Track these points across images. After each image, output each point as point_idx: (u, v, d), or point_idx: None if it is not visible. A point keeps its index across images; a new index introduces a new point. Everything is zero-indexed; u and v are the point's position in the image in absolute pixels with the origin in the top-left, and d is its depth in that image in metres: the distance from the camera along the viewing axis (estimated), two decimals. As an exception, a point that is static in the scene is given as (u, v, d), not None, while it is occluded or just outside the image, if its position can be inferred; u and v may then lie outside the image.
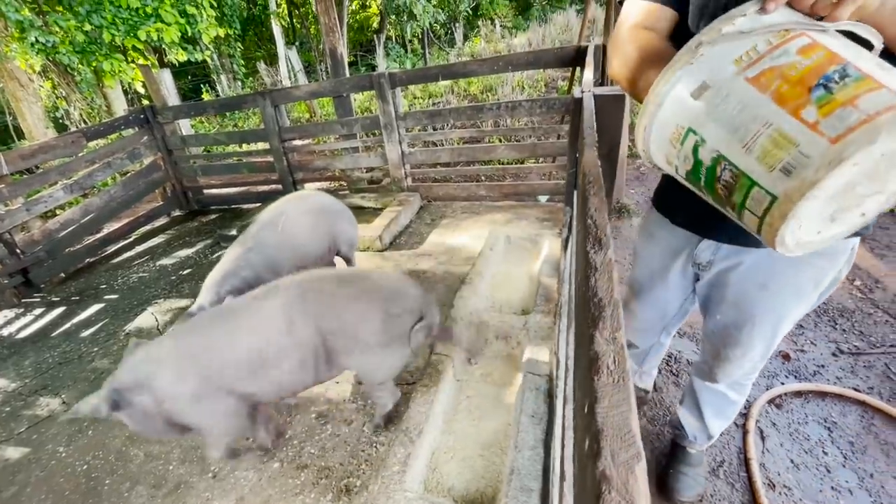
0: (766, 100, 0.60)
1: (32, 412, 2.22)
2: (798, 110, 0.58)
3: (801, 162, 0.58)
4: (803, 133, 0.58)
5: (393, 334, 1.50)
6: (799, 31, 0.61)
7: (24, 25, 4.90)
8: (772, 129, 0.60)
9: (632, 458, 0.32)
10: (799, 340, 2.17)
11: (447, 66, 3.48)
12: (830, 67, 0.58)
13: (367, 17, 15.63)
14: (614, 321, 0.45)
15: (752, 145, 0.62)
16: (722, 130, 0.65)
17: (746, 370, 1.31)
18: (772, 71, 0.61)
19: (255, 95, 3.97)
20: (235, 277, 1.97)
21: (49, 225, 3.65)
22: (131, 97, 9.24)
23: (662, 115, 0.71)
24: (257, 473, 1.71)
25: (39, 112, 6.41)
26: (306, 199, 2.41)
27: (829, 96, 0.57)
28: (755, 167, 0.62)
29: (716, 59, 0.65)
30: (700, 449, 1.62)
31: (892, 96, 0.54)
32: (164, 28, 5.73)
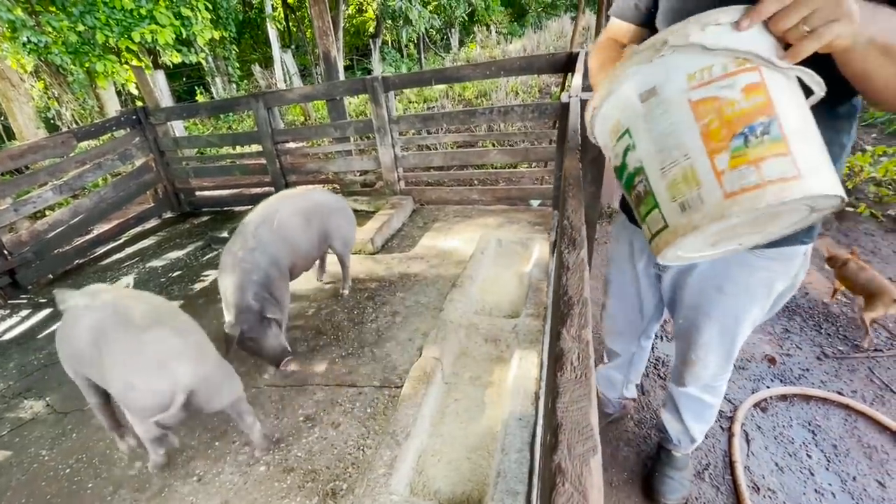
0: (696, 130, 0.63)
1: (15, 415, 2.19)
2: (714, 154, 0.62)
3: (696, 205, 0.63)
4: (709, 178, 0.62)
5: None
6: (754, 65, 0.62)
7: (15, 25, 4.88)
8: (688, 162, 0.64)
9: (588, 451, 0.32)
10: (785, 345, 2.19)
11: (441, 70, 3.50)
12: (758, 118, 0.61)
13: (364, 21, 15.69)
14: (581, 318, 0.46)
15: (668, 171, 0.66)
16: (651, 145, 0.67)
17: (713, 372, 1.34)
18: (713, 101, 0.63)
19: (248, 98, 3.97)
20: (253, 284, 2.00)
21: (37, 226, 3.61)
22: (124, 98, 9.20)
23: (610, 103, 0.73)
24: (243, 477, 1.70)
25: (30, 112, 6.36)
26: (299, 197, 2.44)
27: (744, 149, 0.61)
28: (662, 192, 0.67)
29: (672, 66, 0.66)
30: (685, 452, 1.63)
31: (791, 166, 0.60)
32: (159, 30, 5.72)
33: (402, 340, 2.31)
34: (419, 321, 2.43)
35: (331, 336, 2.42)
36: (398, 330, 2.39)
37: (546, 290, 2.31)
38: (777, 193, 0.59)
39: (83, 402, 2.20)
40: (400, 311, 2.54)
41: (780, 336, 2.25)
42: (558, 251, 0.60)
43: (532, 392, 1.74)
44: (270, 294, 2.06)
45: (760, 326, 2.31)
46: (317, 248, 2.47)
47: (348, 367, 2.17)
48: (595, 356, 0.48)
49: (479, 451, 1.66)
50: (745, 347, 2.18)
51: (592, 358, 0.41)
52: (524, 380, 1.81)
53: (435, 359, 2.00)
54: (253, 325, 1.94)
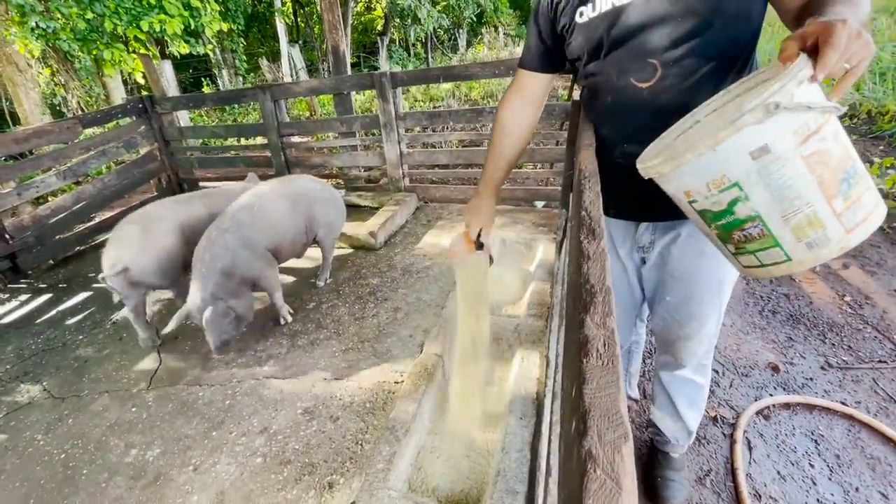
0: (813, 182, 0.71)
1: (12, 398, 2.17)
2: (832, 199, 0.71)
3: (823, 242, 0.73)
4: (832, 221, 0.72)
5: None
6: (830, 116, 0.70)
7: (24, 10, 4.87)
8: (811, 209, 0.72)
9: (619, 438, 0.31)
10: (788, 353, 2.17)
11: (448, 67, 3.49)
12: (848, 163, 0.71)
13: (372, 19, 15.70)
14: (605, 307, 0.44)
15: (792, 218, 0.74)
16: (769, 197, 0.74)
17: (706, 346, 1.36)
18: (819, 154, 0.70)
19: (255, 90, 3.96)
20: (214, 273, 2.06)
21: (39, 211, 3.60)
22: (131, 87, 9.20)
23: (708, 159, 0.75)
24: (239, 468, 1.68)
25: (36, 98, 6.35)
26: (287, 182, 2.47)
27: (849, 192, 0.71)
28: (787, 235, 0.76)
29: (780, 125, 0.69)
30: (682, 452, 1.62)
31: (876, 196, 0.73)
32: (168, 20, 5.71)
33: (403, 336, 2.29)
34: (421, 318, 2.42)
35: (331, 330, 2.41)
36: (399, 326, 2.38)
37: (550, 290, 2.30)
38: (876, 221, 0.74)
39: (80, 388, 2.19)
40: (401, 308, 2.53)
41: (783, 344, 2.23)
42: (577, 241, 0.59)
43: (534, 392, 1.72)
44: (239, 276, 2.14)
45: (764, 333, 2.30)
46: (304, 234, 2.51)
47: (348, 362, 2.16)
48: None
49: (478, 449, 1.65)
50: (748, 354, 2.17)
51: (618, 346, 0.40)
52: (525, 379, 1.79)
53: (436, 355, 1.99)
54: (197, 318, 2.01)
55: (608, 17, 0.96)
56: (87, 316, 2.81)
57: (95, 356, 2.41)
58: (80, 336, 2.61)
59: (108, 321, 2.72)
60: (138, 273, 2.18)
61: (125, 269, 2.13)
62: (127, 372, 2.26)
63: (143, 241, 2.20)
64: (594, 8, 0.98)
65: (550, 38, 1.14)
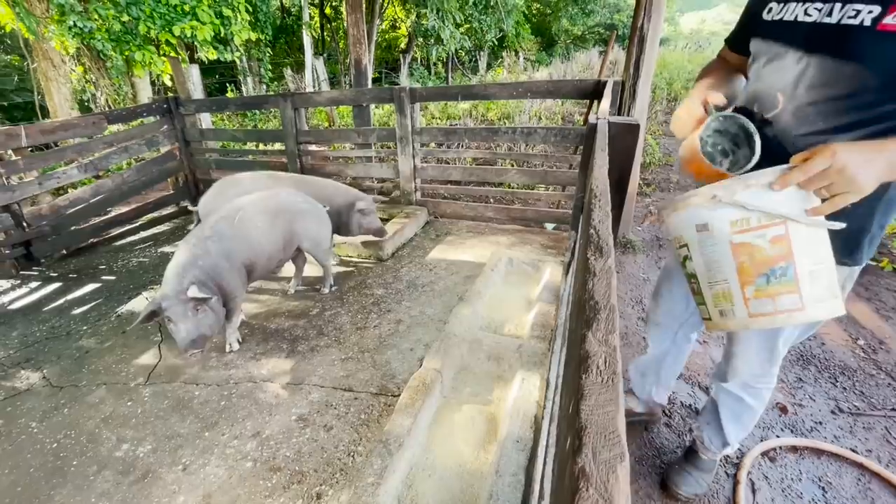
0: (733, 266, 0.91)
1: (11, 384, 2.18)
2: (745, 285, 0.90)
3: (730, 315, 0.94)
4: (739, 302, 0.92)
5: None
6: (781, 220, 0.86)
7: (64, 9, 5.07)
8: (726, 286, 0.93)
9: (614, 458, 0.29)
10: (797, 394, 2.11)
11: (468, 86, 3.54)
12: (779, 263, 0.87)
13: (396, 37, 16.08)
14: (609, 324, 0.43)
15: (713, 286, 0.96)
16: (702, 264, 0.97)
17: (752, 370, 1.39)
18: (748, 246, 0.88)
19: (276, 97, 4.05)
20: (195, 267, 2.03)
21: (58, 201, 3.67)
22: (158, 88, 9.46)
23: (675, 220, 1.00)
24: (228, 471, 1.66)
25: (67, 93, 6.56)
26: (267, 197, 2.47)
27: (766, 287, 0.88)
28: (709, 299, 0.98)
29: (721, 213, 0.90)
30: (712, 457, 1.65)
31: (798, 301, 0.86)
32: (199, 26, 5.92)
33: (404, 349, 2.27)
34: (423, 332, 2.40)
35: (332, 338, 2.39)
36: (400, 338, 2.36)
37: (555, 313, 2.27)
38: (784, 320, 0.88)
39: (79, 378, 2.19)
40: (404, 320, 2.51)
41: (792, 384, 2.17)
42: (584, 257, 0.58)
43: (532, 415, 1.68)
44: (215, 283, 2.08)
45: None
46: (282, 251, 2.45)
47: (346, 371, 2.14)
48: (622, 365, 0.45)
49: (472, 470, 1.61)
50: (756, 393, 2.11)
51: (620, 364, 0.39)
52: (525, 402, 1.76)
53: (435, 371, 1.96)
54: (174, 303, 1.90)
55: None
56: (94, 307, 2.83)
57: (97, 347, 2.42)
58: (84, 326, 2.62)
59: (112, 314, 2.74)
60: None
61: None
62: (126, 365, 2.27)
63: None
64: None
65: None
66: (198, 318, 1.93)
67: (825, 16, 0.93)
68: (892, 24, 0.83)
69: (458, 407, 1.90)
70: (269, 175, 3.08)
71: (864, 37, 0.87)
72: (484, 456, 1.66)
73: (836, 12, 0.91)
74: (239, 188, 2.92)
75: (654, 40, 2.96)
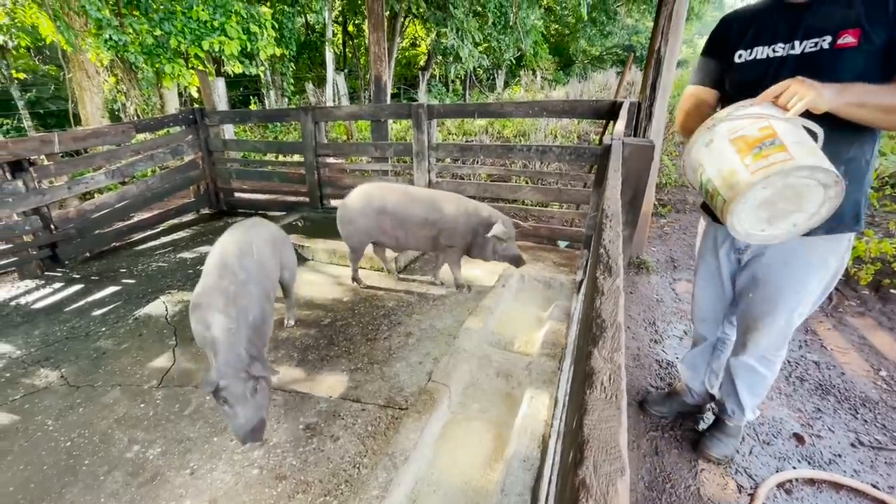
0: (734, 151, 1.14)
1: (31, 381, 2.24)
2: (743, 157, 1.12)
3: (736, 183, 1.11)
4: (741, 169, 1.11)
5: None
6: (766, 118, 1.13)
7: (101, 23, 5.32)
8: (730, 166, 1.14)
9: (615, 472, 0.30)
10: (815, 425, 2.04)
11: (485, 104, 3.60)
12: (767, 139, 1.10)
13: (416, 54, 16.43)
14: (614, 342, 0.44)
15: (721, 173, 1.16)
16: (713, 166, 1.19)
17: (771, 341, 1.60)
18: (742, 138, 1.14)
19: (298, 110, 4.16)
20: (246, 325, 1.73)
21: (85, 205, 3.80)
22: (185, 100, 9.79)
23: (692, 151, 1.26)
24: (235, 477, 1.67)
25: (99, 102, 6.83)
26: (261, 226, 2.28)
27: (759, 152, 1.09)
28: (720, 184, 1.16)
29: (718, 128, 1.20)
30: (737, 424, 1.83)
31: (787, 155, 1.05)
32: (227, 41, 6.13)
33: (413, 362, 2.27)
34: (432, 345, 2.40)
35: (342, 348, 2.41)
36: (410, 351, 2.36)
37: (567, 331, 2.26)
38: (780, 166, 1.04)
39: (95, 379, 2.24)
40: (414, 333, 2.52)
41: (810, 414, 2.10)
42: (593, 276, 0.59)
43: (540, 434, 1.67)
44: (265, 331, 1.86)
45: (789, 401, 2.18)
46: (278, 281, 2.30)
47: (355, 382, 2.15)
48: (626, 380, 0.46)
49: (477, 488, 1.59)
50: (772, 423, 2.05)
51: (624, 382, 0.40)
52: (532, 420, 1.74)
53: (444, 385, 1.96)
54: (233, 382, 1.56)
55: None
56: (112, 309, 2.91)
57: (114, 349, 2.48)
58: (102, 328, 2.69)
59: (130, 316, 2.81)
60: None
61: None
62: (141, 368, 2.31)
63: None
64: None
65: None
66: (256, 400, 1.60)
67: (790, 50, 1.27)
68: (844, 43, 1.18)
69: (465, 423, 1.89)
70: (405, 186, 2.90)
71: (827, 56, 1.21)
72: (490, 474, 1.64)
73: (797, 47, 1.25)
74: (381, 194, 2.78)
75: (672, 63, 2.99)
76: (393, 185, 2.88)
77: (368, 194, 2.78)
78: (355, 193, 2.82)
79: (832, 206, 1.11)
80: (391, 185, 2.86)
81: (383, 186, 2.85)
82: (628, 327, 2.78)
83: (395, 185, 2.90)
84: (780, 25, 1.30)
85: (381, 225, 2.76)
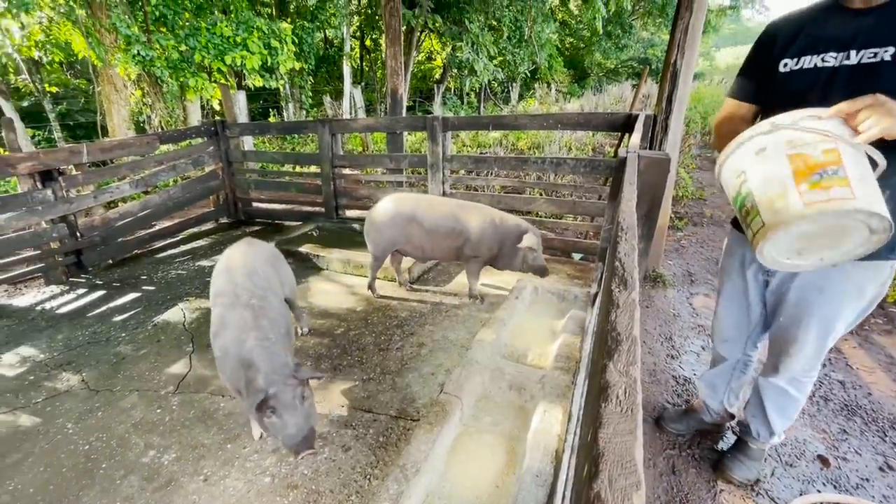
0: (790, 170, 1.01)
1: (53, 384, 2.30)
2: (800, 182, 0.99)
3: (784, 210, 1.00)
4: (794, 195, 0.99)
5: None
6: (831, 138, 0.99)
7: (130, 39, 5.53)
8: (781, 187, 1.02)
9: (630, 486, 0.30)
10: (841, 447, 1.97)
11: (499, 117, 3.63)
12: (830, 166, 0.97)
13: (431, 68, 16.66)
14: (630, 356, 0.44)
15: (768, 192, 1.04)
16: (759, 179, 1.07)
17: (803, 365, 1.52)
18: (802, 156, 1.01)
19: (316, 122, 4.25)
20: (287, 335, 1.75)
21: (109, 214, 3.93)
22: (207, 112, 10.08)
23: (735, 155, 1.13)
24: (247, 485, 1.68)
25: (125, 115, 7.08)
26: (258, 246, 2.25)
27: (819, 181, 0.97)
28: (763, 204, 1.04)
29: (777, 136, 1.06)
30: (761, 447, 1.75)
31: (850, 192, 0.94)
32: (249, 56, 6.32)
33: (425, 373, 2.27)
34: (444, 356, 2.39)
35: (355, 357, 2.42)
36: (422, 362, 2.36)
37: (580, 345, 2.23)
38: (839, 204, 0.94)
39: (114, 383, 2.29)
40: (426, 344, 2.52)
41: (835, 436, 2.03)
42: (608, 289, 0.59)
43: (553, 449, 1.64)
44: (290, 346, 1.84)
45: (813, 421, 2.10)
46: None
47: (367, 392, 2.15)
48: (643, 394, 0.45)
49: (489, 502, 1.57)
50: (795, 444, 1.99)
51: (640, 396, 0.39)
52: (545, 435, 1.72)
53: (456, 397, 1.95)
54: (282, 389, 1.49)
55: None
56: (132, 316, 2.97)
57: (132, 354, 2.53)
58: (122, 333, 2.75)
59: (149, 323, 2.87)
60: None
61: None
62: (158, 373, 2.35)
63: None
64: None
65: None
66: (305, 408, 1.52)
67: (844, 60, 1.15)
68: None
69: (477, 436, 1.87)
70: (433, 196, 2.97)
71: (887, 69, 1.10)
72: (502, 488, 1.62)
73: (853, 57, 1.14)
74: (410, 203, 2.83)
75: (688, 76, 2.97)
76: (421, 195, 2.93)
77: (398, 203, 2.83)
78: (385, 202, 2.87)
79: (870, 249, 1.03)
80: (420, 195, 2.91)
81: (412, 196, 2.91)
82: (644, 342, 2.73)
83: (424, 195, 2.95)
84: (835, 33, 1.18)
85: (409, 233, 2.79)
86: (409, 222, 2.77)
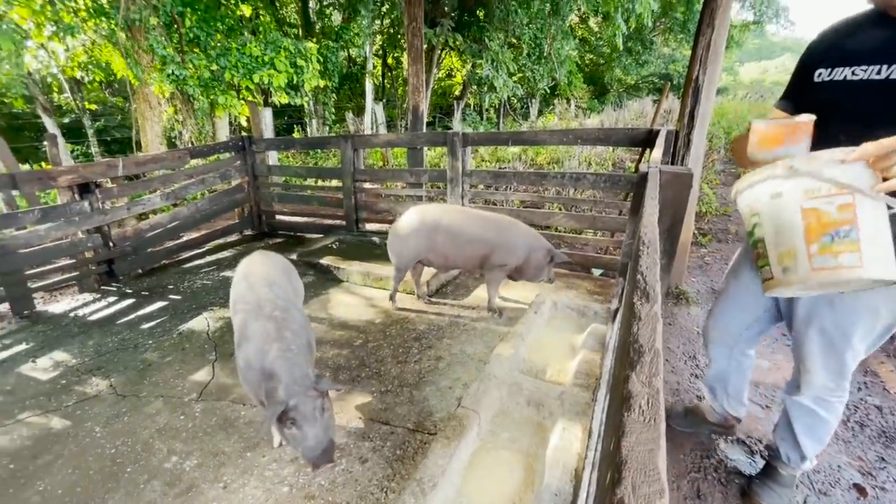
0: (801, 227, 1.00)
1: (83, 389, 2.37)
2: (810, 243, 0.99)
3: (793, 271, 1.02)
4: (803, 257, 1.00)
5: None
6: (849, 191, 0.96)
7: (166, 60, 5.82)
8: (792, 245, 1.02)
9: (654, 494, 0.30)
10: (879, 476, 1.87)
11: (518, 132, 3.66)
12: (844, 226, 0.96)
13: (451, 84, 16.92)
14: (653, 367, 0.44)
15: (780, 246, 1.05)
16: (771, 228, 1.07)
17: (823, 383, 1.47)
18: (816, 211, 0.99)
19: (338, 138, 4.36)
20: (307, 347, 1.76)
21: (141, 225, 4.08)
22: (234, 128, 10.44)
23: (751, 192, 1.13)
24: (265, 493, 1.69)
25: (158, 131, 7.39)
26: (272, 257, 2.29)
27: (830, 244, 0.97)
28: (773, 258, 1.07)
29: (794, 183, 1.02)
30: (792, 473, 1.67)
31: (858, 259, 0.94)
32: (276, 74, 6.56)
33: (443, 387, 2.26)
34: (462, 370, 2.39)
35: (373, 370, 2.43)
36: (440, 376, 2.35)
37: (600, 361, 2.19)
38: (846, 273, 0.95)
39: (140, 389, 2.35)
40: (444, 357, 2.51)
41: (872, 464, 1.93)
42: (630, 302, 0.59)
43: (572, 468, 1.61)
44: (312, 358, 1.84)
45: (848, 447, 2.01)
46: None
47: (385, 404, 2.15)
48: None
49: (506, 520, 1.54)
50: (829, 471, 1.90)
51: (662, 407, 0.39)
52: (564, 452, 1.68)
53: (473, 412, 1.93)
54: (303, 401, 1.48)
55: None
56: (159, 323, 3.06)
57: (158, 361, 2.60)
58: (149, 341, 2.83)
59: (175, 331, 2.95)
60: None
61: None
62: (182, 380, 2.41)
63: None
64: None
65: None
66: (325, 420, 1.52)
67: (874, 74, 1.12)
68: None
69: (494, 452, 1.85)
70: (458, 206, 3.08)
71: None
72: (519, 507, 1.59)
73: (884, 71, 1.11)
74: (436, 212, 2.87)
75: (710, 91, 2.95)
76: (446, 204, 2.97)
77: (423, 212, 2.87)
78: (409, 213, 2.91)
79: (876, 288, 1.07)
80: (445, 205, 2.95)
81: (438, 206, 2.97)
82: (667, 360, 2.67)
83: (449, 205, 2.99)
84: (870, 45, 1.13)
85: (434, 242, 2.80)
86: (435, 230, 2.79)
